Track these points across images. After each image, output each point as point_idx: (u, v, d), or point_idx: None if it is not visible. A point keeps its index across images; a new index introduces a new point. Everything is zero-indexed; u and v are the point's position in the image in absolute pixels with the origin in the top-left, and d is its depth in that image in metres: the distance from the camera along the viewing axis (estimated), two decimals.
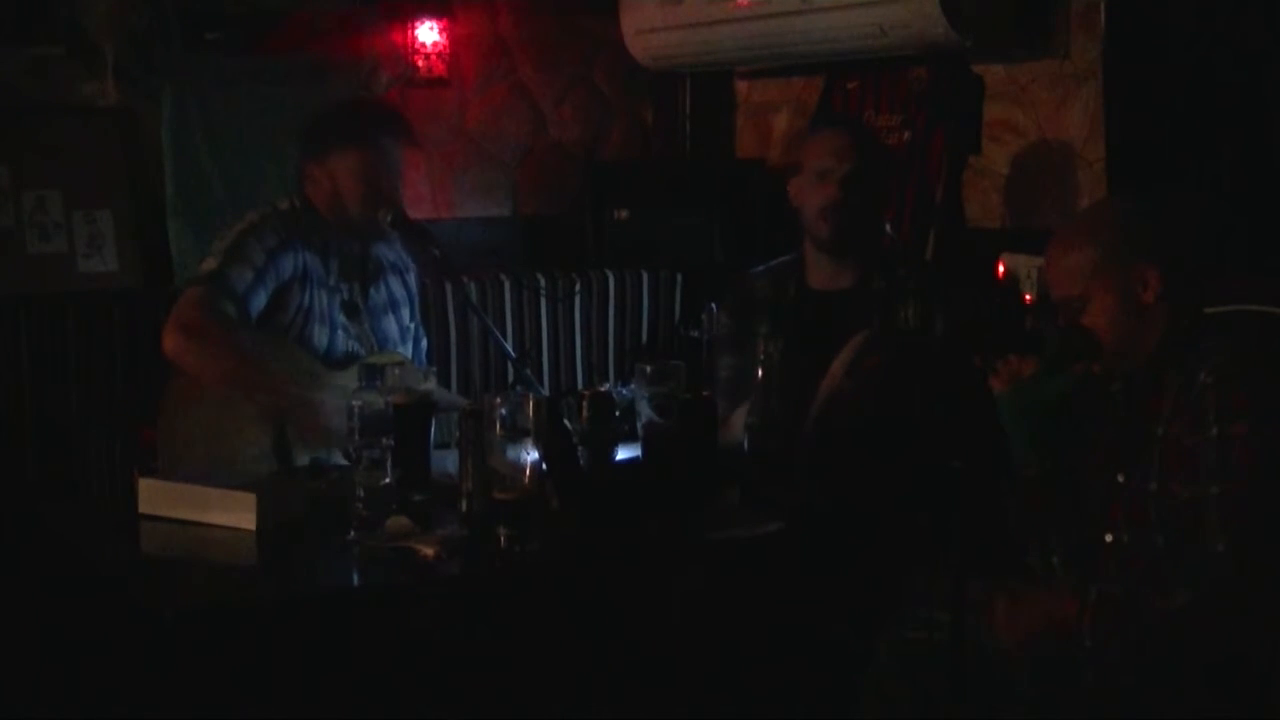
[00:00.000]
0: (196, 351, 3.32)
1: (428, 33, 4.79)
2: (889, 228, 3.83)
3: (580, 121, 5.18)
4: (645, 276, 4.76)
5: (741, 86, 5.22)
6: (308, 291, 3.46)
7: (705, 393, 3.09)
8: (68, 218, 4.31)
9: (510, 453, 2.65)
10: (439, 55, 4.81)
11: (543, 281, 4.60)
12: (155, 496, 2.90)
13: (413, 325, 3.73)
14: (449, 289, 4.37)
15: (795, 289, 3.60)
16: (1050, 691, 2.62)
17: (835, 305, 3.52)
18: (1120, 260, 2.64)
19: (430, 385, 3.06)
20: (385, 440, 2.74)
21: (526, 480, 2.65)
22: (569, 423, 2.89)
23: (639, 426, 3.01)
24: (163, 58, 4.40)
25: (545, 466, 2.72)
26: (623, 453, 3.01)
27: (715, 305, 3.54)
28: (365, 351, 3.53)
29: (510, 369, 3.81)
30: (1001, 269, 3.88)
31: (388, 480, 2.73)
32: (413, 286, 3.74)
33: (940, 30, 3.99)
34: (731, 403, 3.28)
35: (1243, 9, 3.59)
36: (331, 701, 2.47)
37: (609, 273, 4.72)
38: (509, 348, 3.91)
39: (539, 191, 5.12)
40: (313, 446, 3.31)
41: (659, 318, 4.78)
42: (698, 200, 4.82)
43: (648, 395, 3.00)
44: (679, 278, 4.80)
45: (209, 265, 3.39)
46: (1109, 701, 2.55)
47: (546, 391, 3.98)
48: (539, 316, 4.60)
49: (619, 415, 3.00)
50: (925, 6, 3.97)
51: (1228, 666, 2.47)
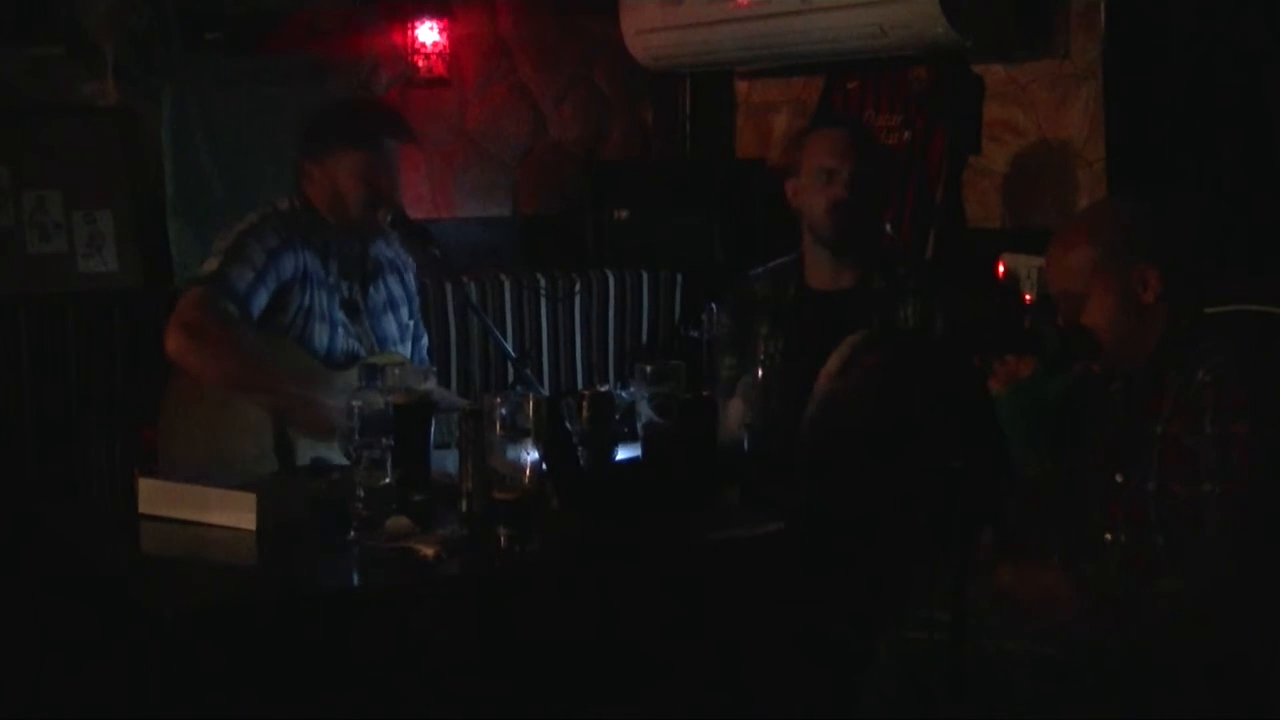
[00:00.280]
0: (198, 352, 3.32)
1: (428, 33, 4.78)
2: (889, 228, 3.83)
3: (580, 121, 5.18)
4: (645, 276, 4.76)
5: (741, 86, 5.22)
6: (308, 291, 3.46)
7: (705, 393, 3.09)
8: (68, 218, 4.30)
9: (510, 453, 2.65)
10: (439, 55, 4.80)
11: (543, 281, 4.60)
12: (155, 496, 2.90)
13: (412, 324, 3.73)
14: (449, 289, 4.37)
15: (795, 289, 3.60)
16: (1050, 691, 2.62)
17: (835, 305, 3.52)
18: (1120, 260, 2.65)
19: (430, 385, 3.06)
20: (385, 440, 2.74)
21: (526, 480, 2.65)
22: (569, 423, 2.89)
23: (639, 426, 3.01)
24: (163, 58, 4.40)
25: (545, 466, 2.72)
26: (623, 453, 3.01)
27: (715, 305, 3.54)
28: (365, 351, 3.53)
29: (510, 369, 3.81)
30: (1001, 269, 3.88)
31: (388, 480, 2.73)
32: (411, 285, 3.74)
33: (940, 30, 3.99)
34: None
35: (1243, 9, 3.59)
36: (331, 701, 2.47)
37: (609, 273, 4.72)
38: (509, 348, 3.91)
39: (539, 191, 5.12)
40: (313, 446, 3.31)
41: (659, 318, 4.78)
42: (698, 200, 4.82)
43: (648, 395, 3.00)
44: (679, 278, 4.80)
45: (210, 266, 3.39)
46: (1109, 701, 2.55)
47: (546, 391, 3.98)
48: (539, 316, 4.60)
49: (619, 418, 3.00)
50: (925, 6, 3.97)
51: (1228, 666, 2.47)
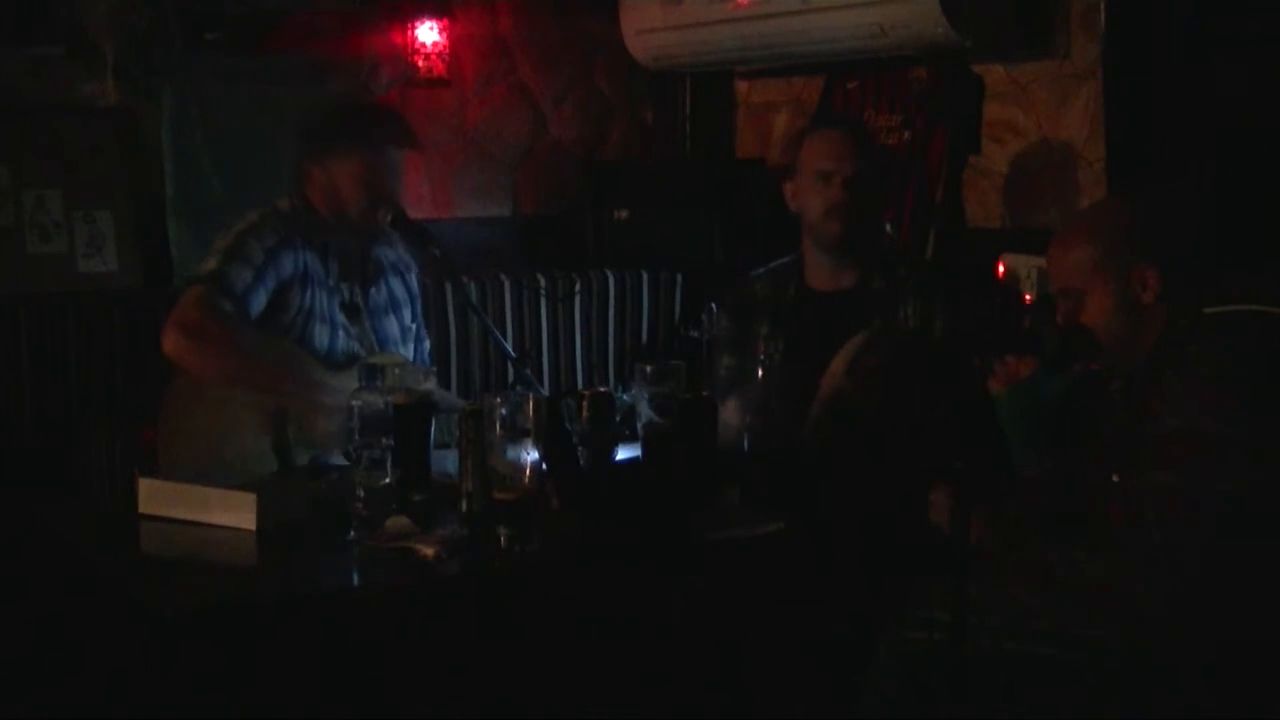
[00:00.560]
0: (196, 351, 3.32)
1: (428, 33, 4.79)
2: (889, 228, 3.83)
3: (580, 121, 5.18)
4: (645, 276, 4.76)
5: (741, 86, 5.23)
6: (308, 291, 3.46)
7: (705, 393, 3.09)
8: (68, 218, 4.31)
9: (510, 453, 2.65)
10: (439, 55, 4.81)
11: (543, 281, 4.60)
12: (155, 496, 2.89)
13: (414, 326, 3.72)
14: (449, 289, 4.37)
15: (795, 289, 3.60)
16: (1050, 691, 2.62)
17: (835, 305, 3.51)
18: (1120, 260, 2.64)
19: (430, 385, 3.06)
20: (385, 440, 2.74)
21: (526, 480, 2.65)
22: (569, 423, 2.89)
23: (639, 427, 3.01)
24: (163, 58, 4.41)
25: (545, 466, 2.72)
26: (623, 453, 3.01)
27: (715, 305, 3.54)
28: (366, 352, 3.53)
29: (510, 369, 3.81)
30: (1001, 269, 3.88)
31: (388, 480, 2.73)
32: (414, 287, 3.73)
33: (940, 30, 3.99)
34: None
35: (1243, 9, 3.59)
36: (331, 701, 2.47)
37: (609, 273, 4.72)
38: (509, 348, 3.90)
39: (539, 191, 5.12)
40: (313, 446, 3.31)
41: (659, 318, 4.78)
42: (698, 200, 4.82)
43: (648, 395, 3.00)
44: (679, 278, 4.80)
45: (209, 265, 3.39)
46: (1109, 701, 2.55)
47: (546, 391, 3.98)
48: (539, 316, 4.60)
49: (619, 419, 3.00)
50: (925, 6, 3.97)
51: (1228, 665, 2.47)
